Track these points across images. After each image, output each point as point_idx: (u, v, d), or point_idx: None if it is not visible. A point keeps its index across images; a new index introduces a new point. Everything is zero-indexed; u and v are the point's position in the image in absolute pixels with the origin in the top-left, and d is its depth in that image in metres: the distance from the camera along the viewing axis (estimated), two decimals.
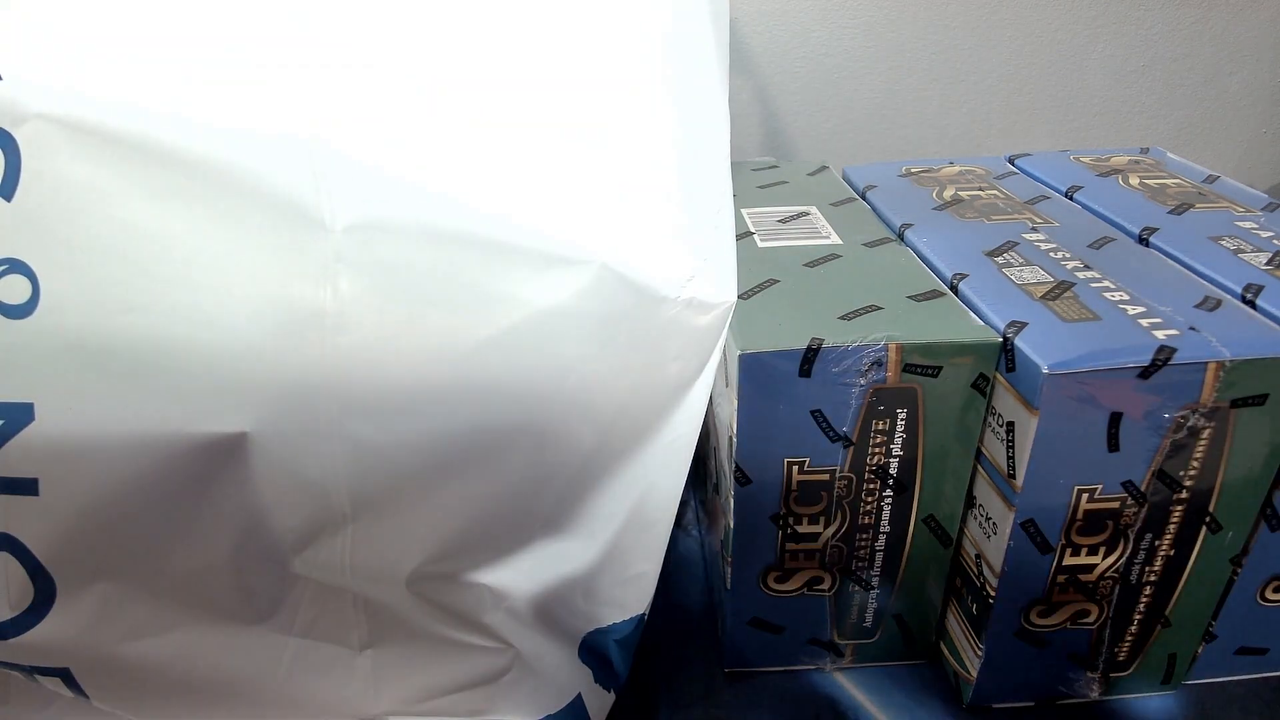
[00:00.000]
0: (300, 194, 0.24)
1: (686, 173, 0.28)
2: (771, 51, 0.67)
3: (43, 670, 0.27)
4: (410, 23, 0.26)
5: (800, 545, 0.32)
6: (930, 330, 0.28)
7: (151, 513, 0.25)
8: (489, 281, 0.25)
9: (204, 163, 0.23)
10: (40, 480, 0.24)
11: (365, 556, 0.28)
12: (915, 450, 0.30)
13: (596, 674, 0.30)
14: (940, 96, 0.69)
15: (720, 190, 0.29)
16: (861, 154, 0.71)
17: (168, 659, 0.27)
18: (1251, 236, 0.34)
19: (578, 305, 0.26)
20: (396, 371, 0.25)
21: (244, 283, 0.24)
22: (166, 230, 0.24)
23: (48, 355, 0.24)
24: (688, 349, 0.27)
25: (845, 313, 0.29)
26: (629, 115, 0.27)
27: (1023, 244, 0.34)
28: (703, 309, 0.27)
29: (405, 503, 0.27)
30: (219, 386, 0.24)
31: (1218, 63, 0.70)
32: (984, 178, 0.43)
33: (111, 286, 0.24)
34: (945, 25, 0.66)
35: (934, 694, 0.34)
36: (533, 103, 0.26)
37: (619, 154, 0.27)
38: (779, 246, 0.36)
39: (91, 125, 0.23)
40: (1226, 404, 0.26)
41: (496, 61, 0.26)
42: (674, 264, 0.26)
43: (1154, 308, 0.28)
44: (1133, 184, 0.41)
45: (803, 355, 0.28)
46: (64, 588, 0.25)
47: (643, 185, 0.27)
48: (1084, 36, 0.68)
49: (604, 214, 0.26)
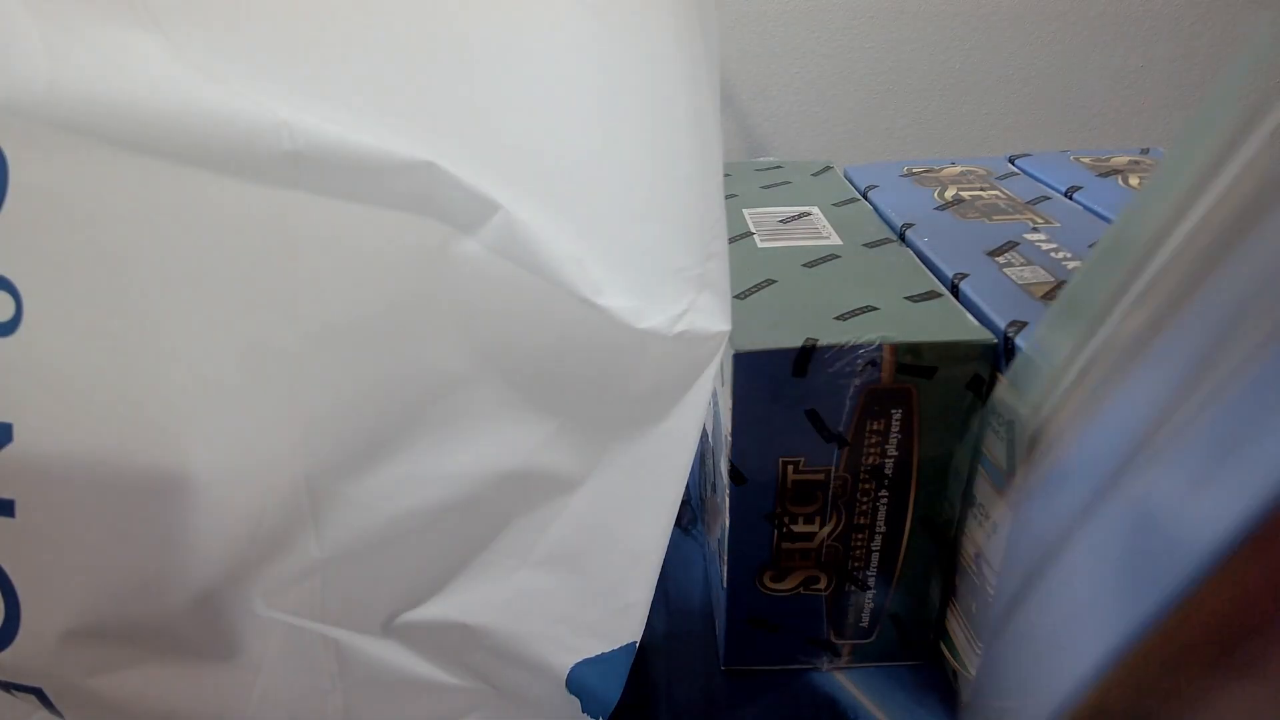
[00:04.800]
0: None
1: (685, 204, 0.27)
2: (772, 51, 0.67)
3: (17, 687, 0.26)
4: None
5: (795, 545, 0.32)
6: (926, 331, 0.28)
7: (121, 543, 0.25)
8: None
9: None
10: (16, 502, 0.24)
11: (338, 601, 0.27)
12: (911, 451, 0.30)
13: (585, 704, 0.30)
14: (941, 97, 0.69)
15: (717, 220, 0.28)
16: (863, 154, 0.71)
17: (134, 693, 0.27)
18: None
19: (563, 343, 0.25)
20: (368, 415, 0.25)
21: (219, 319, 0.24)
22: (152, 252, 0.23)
23: (28, 375, 0.23)
24: (678, 382, 0.27)
25: (841, 313, 0.29)
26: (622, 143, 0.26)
27: (1024, 244, 0.34)
28: (695, 341, 0.26)
29: (381, 547, 0.26)
30: (189, 424, 0.24)
31: (1216, 64, 0.70)
32: (985, 178, 0.43)
33: (95, 307, 0.23)
34: (945, 26, 0.66)
35: (934, 694, 0.34)
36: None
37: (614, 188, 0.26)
38: (779, 247, 0.36)
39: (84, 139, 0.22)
40: None
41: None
42: (668, 299, 0.26)
43: None
44: (1132, 184, 0.40)
45: (797, 355, 0.28)
46: (29, 615, 0.25)
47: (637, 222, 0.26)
48: (1084, 37, 0.68)
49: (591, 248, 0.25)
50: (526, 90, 0.25)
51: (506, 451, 0.27)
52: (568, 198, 0.25)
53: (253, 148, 0.22)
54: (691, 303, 0.26)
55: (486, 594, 0.28)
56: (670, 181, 0.27)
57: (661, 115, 0.27)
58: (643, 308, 0.26)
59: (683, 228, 0.27)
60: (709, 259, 0.27)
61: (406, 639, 0.28)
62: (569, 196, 0.25)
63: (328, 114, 0.23)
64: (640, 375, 0.26)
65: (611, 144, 0.26)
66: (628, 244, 0.26)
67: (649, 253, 0.26)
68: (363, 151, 0.23)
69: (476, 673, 0.29)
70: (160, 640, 0.27)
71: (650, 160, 0.27)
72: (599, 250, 0.25)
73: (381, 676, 0.28)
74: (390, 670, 0.28)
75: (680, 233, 0.27)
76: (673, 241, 0.27)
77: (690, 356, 0.27)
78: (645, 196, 0.27)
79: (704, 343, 0.26)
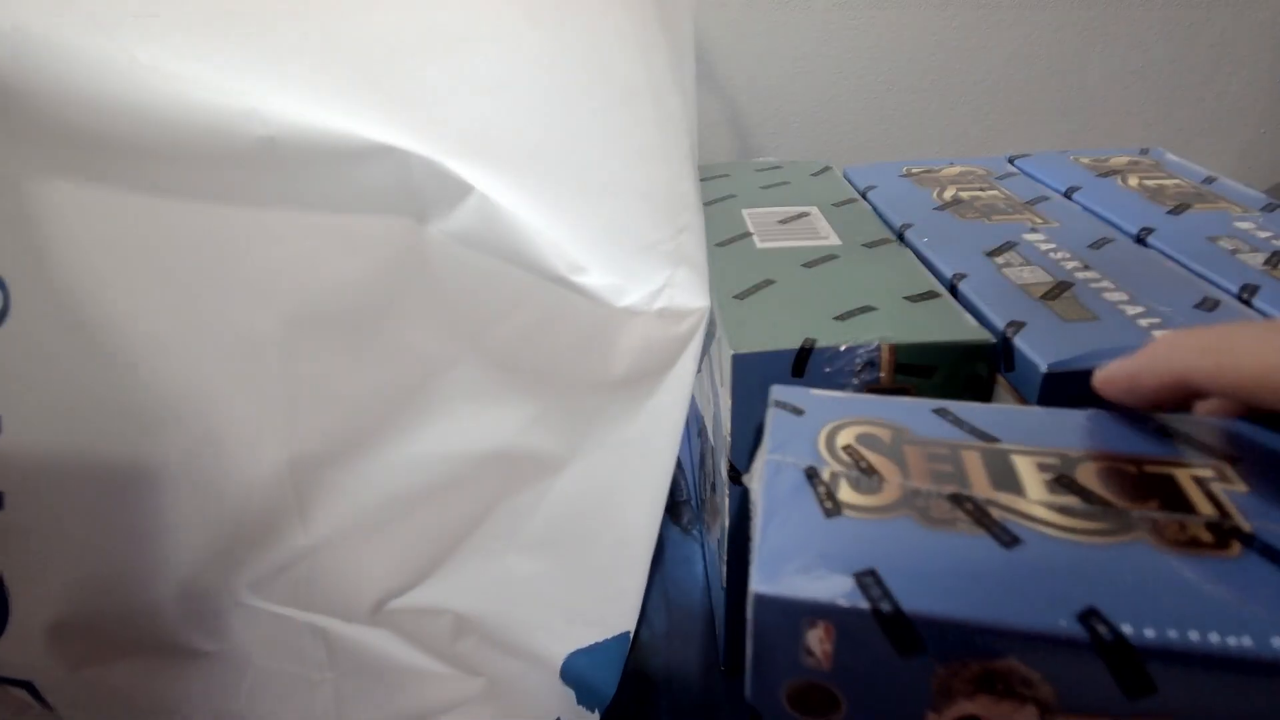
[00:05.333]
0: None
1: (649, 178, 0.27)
2: (772, 52, 0.67)
3: (9, 680, 0.26)
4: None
5: None
6: (924, 331, 0.28)
7: (108, 534, 0.25)
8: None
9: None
10: (6, 494, 0.24)
11: (325, 588, 0.27)
12: None
13: (580, 695, 0.30)
14: (940, 97, 0.69)
15: (685, 193, 0.28)
16: (862, 155, 0.71)
17: (124, 684, 0.27)
18: (1249, 237, 0.34)
19: (544, 323, 0.25)
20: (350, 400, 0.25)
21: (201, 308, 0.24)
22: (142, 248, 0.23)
23: (17, 367, 0.23)
24: (661, 360, 0.27)
25: (840, 313, 0.29)
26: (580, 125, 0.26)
27: (1022, 244, 0.34)
28: (676, 318, 0.26)
29: (367, 533, 0.26)
30: (174, 413, 0.24)
31: (1216, 64, 0.70)
32: (985, 178, 0.43)
33: (80, 299, 0.23)
34: (946, 26, 0.66)
35: None
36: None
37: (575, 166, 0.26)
38: (777, 247, 0.36)
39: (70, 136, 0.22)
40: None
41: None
42: (644, 276, 0.26)
43: (1153, 308, 0.28)
44: (1131, 184, 0.40)
45: (795, 355, 0.28)
46: (18, 607, 0.25)
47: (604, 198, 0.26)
48: (1083, 38, 0.68)
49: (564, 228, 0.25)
50: (483, 75, 0.25)
51: (489, 433, 0.27)
52: (533, 177, 0.26)
53: (224, 135, 0.22)
54: (669, 278, 0.26)
55: (475, 579, 0.28)
56: (630, 156, 0.27)
57: (613, 91, 0.27)
58: (622, 285, 0.26)
59: (650, 201, 0.27)
60: (681, 232, 0.27)
61: (396, 626, 0.28)
62: (534, 175, 0.26)
63: (298, 102, 0.23)
64: (623, 354, 0.27)
65: (565, 121, 0.26)
66: (598, 220, 0.26)
67: (620, 228, 0.27)
68: (335, 136, 0.23)
69: (468, 662, 0.29)
70: (148, 632, 0.27)
71: (603, 135, 0.27)
72: (570, 227, 0.26)
73: (371, 666, 0.28)
74: (380, 659, 0.28)
75: (648, 206, 0.27)
76: (641, 215, 0.27)
77: (671, 333, 0.27)
78: (607, 171, 0.27)
79: (684, 318, 0.27)
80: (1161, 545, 0.17)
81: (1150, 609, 0.16)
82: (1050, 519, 0.18)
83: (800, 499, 0.19)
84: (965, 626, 0.16)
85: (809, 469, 0.20)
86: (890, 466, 0.20)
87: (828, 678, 0.17)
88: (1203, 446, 0.20)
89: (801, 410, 0.22)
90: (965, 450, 0.21)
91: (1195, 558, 0.17)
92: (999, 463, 0.20)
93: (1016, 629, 0.16)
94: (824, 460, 0.20)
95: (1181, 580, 0.16)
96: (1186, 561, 0.17)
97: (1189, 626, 0.15)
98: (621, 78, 0.27)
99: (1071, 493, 0.19)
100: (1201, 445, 0.20)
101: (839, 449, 0.21)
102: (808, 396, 0.23)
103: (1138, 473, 0.19)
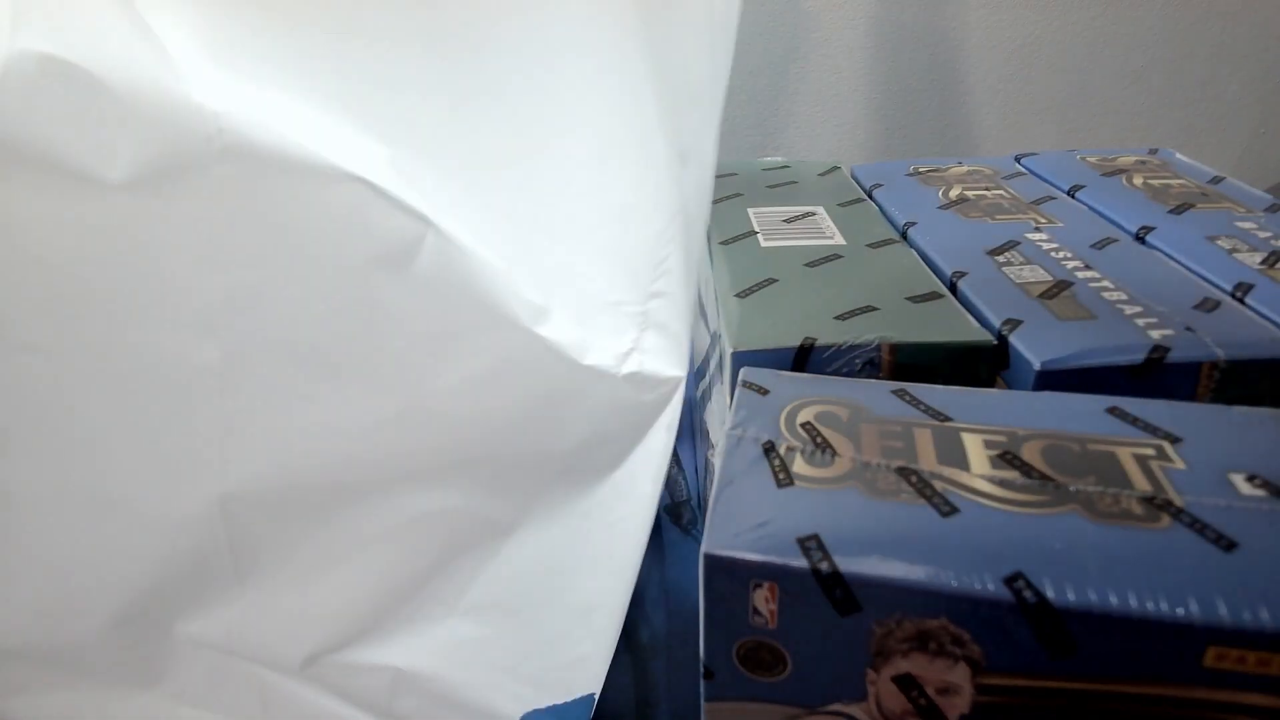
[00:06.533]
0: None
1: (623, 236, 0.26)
2: (772, 52, 0.67)
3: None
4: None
5: None
6: (924, 331, 0.28)
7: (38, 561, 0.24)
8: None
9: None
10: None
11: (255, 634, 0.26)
12: None
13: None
14: (942, 96, 0.68)
15: (665, 259, 0.27)
16: (870, 154, 0.71)
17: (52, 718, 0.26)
18: (1249, 236, 0.33)
19: (500, 374, 0.24)
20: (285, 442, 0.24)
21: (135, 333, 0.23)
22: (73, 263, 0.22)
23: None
24: (627, 429, 0.25)
25: (841, 312, 0.29)
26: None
27: (1025, 243, 0.34)
28: (646, 385, 0.25)
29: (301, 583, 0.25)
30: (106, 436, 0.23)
31: (1216, 64, 0.69)
32: (991, 177, 0.43)
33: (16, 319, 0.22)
34: (946, 26, 0.66)
35: None
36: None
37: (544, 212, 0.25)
38: (781, 246, 0.36)
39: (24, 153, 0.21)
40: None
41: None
42: (609, 334, 0.25)
43: (1151, 307, 0.28)
44: (1136, 184, 0.40)
45: (794, 354, 0.28)
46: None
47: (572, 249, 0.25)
48: (1083, 38, 0.67)
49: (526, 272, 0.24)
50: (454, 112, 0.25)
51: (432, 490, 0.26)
52: (497, 217, 0.24)
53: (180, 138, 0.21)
54: (636, 341, 0.25)
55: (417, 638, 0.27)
56: (602, 211, 0.26)
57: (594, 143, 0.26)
58: (586, 340, 0.25)
59: (618, 260, 0.26)
60: (653, 297, 0.26)
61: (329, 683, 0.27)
62: (498, 216, 0.25)
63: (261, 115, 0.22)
64: (582, 416, 0.25)
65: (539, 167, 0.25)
66: (562, 271, 0.25)
67: (586, 281, 0.25)
68: (292, 154, 0.22)
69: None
70: (80, 664, 0.26)
71: (580, 187, 0.26)
72: (533, 273, 0.24)
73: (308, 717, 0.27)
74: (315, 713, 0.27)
75: (615, 264, 0.26)
76: (611, 272, 0.26)
77: (640, 401, 0.25)
78: (580, 223, 0.26)
79: (655, 387, 0.25)
80: (1094, 517, 0.18)
81: (1074, 574, 0.16)
82: (989, 491, 0.19)
83: (756, 470, 0.20)
84: (898, 586, 0.17)
85: (767, 443, 0.21)
86: (844, 442, 0.21)
87: (774, 636, 0.18)
88: (1148, 427, 0.21)
89: (767, 390, 0.24)
90: (918, 428, 0.21)
91: (1124, 528, 0.17)
92: (948, 439, 0.21)
93: (946, 590, 0.17)
94: (783, 436, 0.21)
95: (1107, 548, 0.17)
96: (1115, 531, 0.17)
97: (1109, 590, 0.16)
98: (606, 130, 0.26)
99: (1013, 468, 0.20)
100: (1148, 426, 0.21)
101: (798, 425, 0.22)
102: (775, 378, 0.24)
103: (1080, 450, 0.20)
